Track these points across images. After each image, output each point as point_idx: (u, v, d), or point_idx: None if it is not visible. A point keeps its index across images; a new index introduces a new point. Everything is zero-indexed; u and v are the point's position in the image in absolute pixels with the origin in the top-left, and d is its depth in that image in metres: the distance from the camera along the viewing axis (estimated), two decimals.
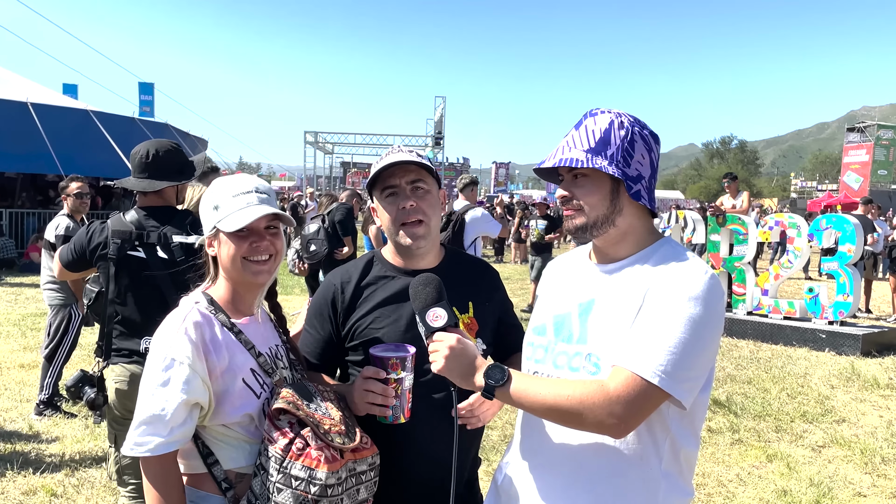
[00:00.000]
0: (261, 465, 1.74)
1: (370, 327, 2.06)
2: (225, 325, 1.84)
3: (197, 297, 1.88)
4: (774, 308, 10.33)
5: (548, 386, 1.62)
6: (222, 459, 1.80)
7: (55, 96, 21.28)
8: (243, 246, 1.85)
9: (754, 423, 6.47)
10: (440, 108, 31.13)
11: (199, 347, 1.74)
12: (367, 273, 2.15)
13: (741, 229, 10.78)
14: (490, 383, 1.64)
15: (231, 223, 1.83)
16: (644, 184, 1.73)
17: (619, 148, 1.70)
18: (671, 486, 1.69)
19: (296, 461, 1.69)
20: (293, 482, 1.68)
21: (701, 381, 1.63)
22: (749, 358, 9.13)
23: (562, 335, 1.79)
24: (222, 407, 1.78)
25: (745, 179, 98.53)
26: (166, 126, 23.10)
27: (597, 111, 1.77)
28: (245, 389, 1.80)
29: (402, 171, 2.03)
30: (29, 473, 4.95)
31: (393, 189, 2.04)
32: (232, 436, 1.81)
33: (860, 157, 57.41)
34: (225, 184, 1.90)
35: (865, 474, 5.36)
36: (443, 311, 1.75)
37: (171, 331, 1.77)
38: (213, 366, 1.76)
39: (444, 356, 1.69)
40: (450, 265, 2.17)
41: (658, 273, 1.66)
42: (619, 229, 1.75)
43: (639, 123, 1.75)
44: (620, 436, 1.60)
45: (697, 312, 1.57)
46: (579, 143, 1.72)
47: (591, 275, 1.81)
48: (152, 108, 34.88)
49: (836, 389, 7.64)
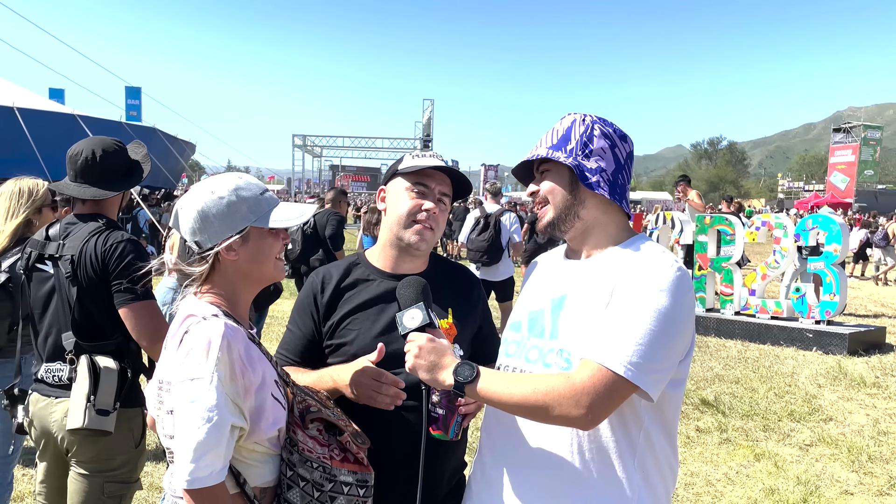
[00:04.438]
0: (298, 475, 1.70)
1: (346, 328, 2.08)
2: (248, 337, 1.76)
3: (209, 309, 1.73)
4: (762, 308, 10.38)
5: (515, 381, 1.64)
6: (250, 478, 1.73)
7: (42, 101, 21.18)
8: (278, 244, 1.83)
9: (742, 423, 6.51)
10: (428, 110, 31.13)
11: (234, 366, 1.64)
12: (348, 274, 2.16)
13: (728, 230, 10.83)
14: (459, 380, 1.67)
15: (282, 220, 1.79)
16: (605, 176, 1.77)
17: (577, 142, 1.79)
18: (646, 482, 1.70)
19: (342, 467, 1.72)
20: (344, 488, 1.71)
21: (669, 373, 1.64)
22: (737, 358, 9.18)
23: (535, 331, 1.82)
24: (258, 424, 1.70)
25: (734, 181, 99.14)
26: (154, 130, 23.05)
27: (566, 115, 1.86)
28: (275, 403, 1.73)
29: (441, 177, 2.09)
30: (17, 477, 4.91)
31: (424, 188, 2.08)
32: (260, 451, 1.74)
33: (846, 157, 57.80)
34: (241, 181, 1.81)
35: (852, 472, 5.40)
36: (419, 312, 1.78)
37: (207, 349, 1.63)
38: (249, 383, 1.67)
39: (413, 355, 1.73)
40: (433, 271, 2.19)
41: (626, 267, 1.69)
42: (584, 222, 1.81)
43: (603, 122, 1.82)
44: (588, 428, 1.61)
45: (665, 304, 1.59)
46: (545, 142, 1.84)
47: (564, 271, 1.86)
48: (139, 113, 34.77)
49: (823, 388, 7.69)
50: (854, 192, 54.84)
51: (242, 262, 1.78)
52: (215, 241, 1.76)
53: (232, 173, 1.86)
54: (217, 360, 1.62)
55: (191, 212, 1.77)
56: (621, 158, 1.80)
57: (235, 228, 1.76)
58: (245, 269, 1.80)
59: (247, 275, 1.81)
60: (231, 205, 1.76)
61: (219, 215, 1.75)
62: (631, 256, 1.72)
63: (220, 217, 1.75)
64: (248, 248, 1.78)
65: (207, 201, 1.76)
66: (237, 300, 1.82)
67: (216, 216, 1.75)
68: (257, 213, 1.78)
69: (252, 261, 1.79)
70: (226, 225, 1.75)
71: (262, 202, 1.80)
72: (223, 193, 1.76)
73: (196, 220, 1.76)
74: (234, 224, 1.76)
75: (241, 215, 1.76)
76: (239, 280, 1.81)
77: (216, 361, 1.62)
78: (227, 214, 1.75)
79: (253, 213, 1.77)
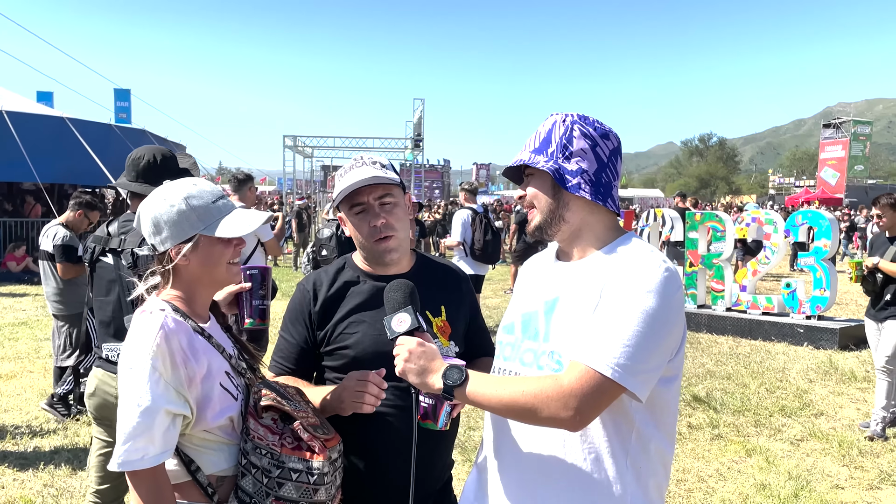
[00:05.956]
0: (251, 463, 1.77)
1: (344, 332, 2.09)
2: (196, 331, 1.83)
3: (159, 304, 1.82)
4: (753, 304, 10.43)
5: (504, 384, 1.65)
6: (204, 465, 1.80)
7: (30, 104, 21.08)
8: (229, 251, 1.88)
9: (734, 418, 6.54)
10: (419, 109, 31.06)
11: (175, 356, 1.72)
12: (338, 278, 2.17)
13: (719, 226, 10.88)
14: (448, 384, 1.68)
15: (230, 230, 1.85)
16: (586, 177, 1.77)
17: (558, 145, 1.78)
18: (638, 481, 1.71)
19: (291, 455, 1.76)
20: (292, 475, 1.76)
21: (657, 372, 1.64)
22: (728, 354, 9.21)
23: (528, 333, 1.83)
24: (204, 413, 1.77)
25: (725, 177, 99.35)
26: (144, 132, 22.93)
27: (549, 115, 1.86)
28: (223, 393, 1.81)
29: (370, 188, 2.07)
30: (8, 483, 4.91)
31: (362, 206, 2.08)
32: (213, 440, 1.81)
33: (836, 152, 58.07)
34: (193, 189, 1.86)
35: (843, 466, 5.43)
36: (407, 315, 1.80)
37: (144, 340, 1.72)
38: (192, 373, 1.75)
39: (403, 359, 1.75)
40: (420, 270, 2.21)
41: (614, 268, 1.69)
42: (570, 225, 1.81)
43: (583, 121, 1.81)
44: (576, 429, 1.62)
45: (652, 305, 1.59)
46: (529, 145, 1.84)
47: (556, 273, 1.86)
48: (129, 115, 34.58)
49: (814, 383, 7.73)
50: (844, 187, 55.07)
51: (194, 267, 1.87)
52: (167, 246, 1.85)
53: (187, 179, 1.91)
54: (153, 350, 1.70)
55: (146, 217, 1.86)
56: (604, 157, 1.80)
57: (185, 236, 1.84)
58: (197, 274, 1.88)
59: (199, 278, 1.89)
60: (181, 213, 1.83)
61: (169, 222, 1.83)
62: (619, 257, 1.72)
63: (170, 224, 1.84)
64: (198, 254, 1.86)
65: (160, 209, 1.84)
66: (194, 299, 1.90)
67: (167, 223, 1.84)
68: (206, 222, 1.85)
69: (203, 265, 1.87)
70: (175, 232, 1.84)
71: (212, 211, 1.86)
72: (174, 202, 1.84)
73: (150, 225, 1.86)
74: (183, 231, 1.84)
75: (191, 223, 1.84)
76: (193, 282, 1.89)
77: (152, 351, 1.70)
78: (176, 222, 1.83)
79: (202, 222, 1.84)
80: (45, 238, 6.33)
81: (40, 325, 10.61)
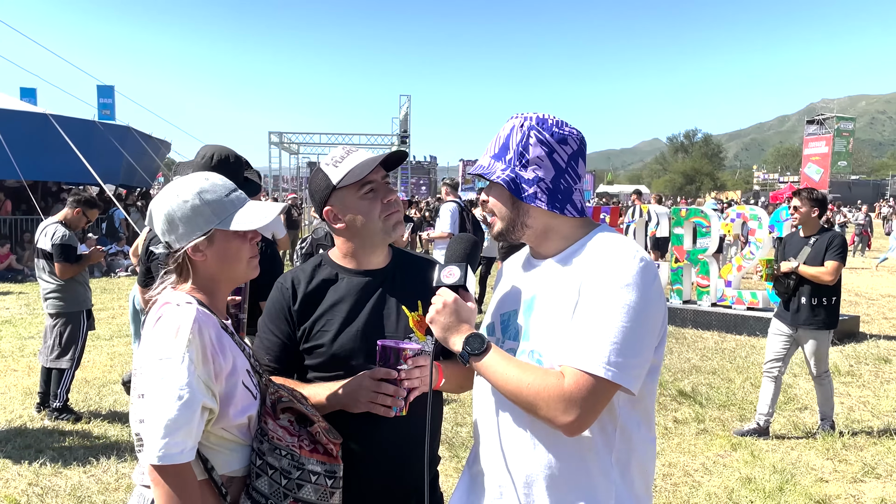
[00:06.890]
0: (267, 464, 1.74)
1: (323, 329, 2.08)
2: (221, 326, 1.80)
3: (184, 297, 1.77)
4: (738, 299, 10.48)
5: (515, 369, 1.65)
6: (217, 465, 1.76)
7: (13, 101, 20.90)
8: (245, 245, 1.86)
9: (719, 413, 6.58)
10: (405, 106, 31.03)
11: (206, 350, 1.68)
12: (315, 275, 2.16)
13: (704, 222, 10.93)
14: (467, 349, 1.69)
15: (245, 222, 1.82)
16: (543, 185, 1.75)
17: (515, 152, 1.76)
18: (623, 477, 1.71)
19: (310, 457, 1.76)
20: (312, 477, 1.75)
21: (646, 364, 1.65)
22: (714, 349, 9.27)
23: (508, 334, 1.83)
24: (227, 410, 1.74)
25: (710, 173, 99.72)
26: (128, 129, 22.79)
27: (511, 117, 1.82)
28: (245, 391, 1.77)
29: (376, 169, 2.08)
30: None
31: (371, 186, 2.07)
32: (229, 439, 1.77)
33: (820, 148, 58.46)
34: (206, 184, 1.83)
35: (827, 460, 5.48)
36: (458, 270, 1.80)
37: (179, 331, 1.67)
38: (220, 368, 1.72)
39: (436, 309, 1.76)
40: (398, 265, 2.20)
41: (590, 264, 1.68)
42: (534, 230, 1.80)
43: (540, 126, 1.76)
44: (572, 434, 1.61)
45: (633, 298, 1.59)
46: (490, 149, 1.82)
47: (532, 271, 1.85)
48: (113, 111, 34.35)
49: (798, 378, 7.78)
50: (828, 183, 55.48)
51: (211, 263, 1.83)
52: (182, 242, 1.81)
53: (199, 174, 1.88)
54: (188, 341, 1.65)
55: (159, 214, 1.83)
56: (561, 163, 1.76)
57: (199, 231, 1.81)
58: (214, 269, 1.84)
59: (217, 274, 1.85)
60: (194, 208, 1.80)
61: (183, 218, 1.80)
62: (592, 252, 1.71)
63: (185, 220, 1.80)
64: (214, 249, 1.82)
65: (172, 205, 1.81)
66: (214, 294, 1.87)
67: (181, 219, 1.80)
68: (221, 216, 1.82)
69: (220, 261, 1.84)
70: (190, 228, 1.80)
71: (226, 204, 1.83)
72: (187, 197, 1.80)
73: (163, 222, 1.82)
74: (197, 226, 1.80)
75: (205, 218, 1.80)
76: (211, 279, 1.86)
77: (187, 342, 1.65)
78: (190, 218, 1.80)
79: (216, 216, 1.81)
80: (43, 236, 6.25)
81: (24, 324, 10.54)
